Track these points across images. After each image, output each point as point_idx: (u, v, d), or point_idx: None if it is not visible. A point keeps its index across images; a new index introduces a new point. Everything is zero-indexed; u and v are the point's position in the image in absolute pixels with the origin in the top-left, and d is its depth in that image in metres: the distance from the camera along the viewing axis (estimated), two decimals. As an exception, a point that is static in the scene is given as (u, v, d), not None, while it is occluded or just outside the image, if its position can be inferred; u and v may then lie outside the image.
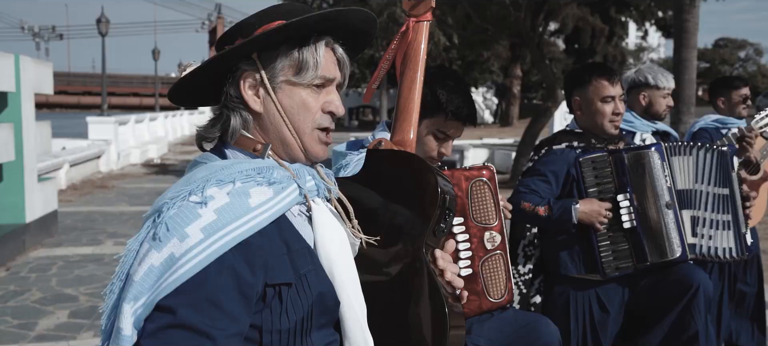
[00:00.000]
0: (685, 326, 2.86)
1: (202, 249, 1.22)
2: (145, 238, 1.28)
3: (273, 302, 1.30)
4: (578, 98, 3.06)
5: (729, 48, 58.20)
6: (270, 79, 1.38)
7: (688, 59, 8.35)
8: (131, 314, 1.23)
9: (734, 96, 4.21)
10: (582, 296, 3.01)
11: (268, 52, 1.38)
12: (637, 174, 2.96)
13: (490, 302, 2.27)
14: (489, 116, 41.23)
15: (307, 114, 1.40)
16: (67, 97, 66.39)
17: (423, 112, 2.26)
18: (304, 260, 1.36)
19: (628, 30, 36.75)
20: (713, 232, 3.06)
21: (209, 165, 1.35)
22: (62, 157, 12.14)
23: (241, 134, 1.41)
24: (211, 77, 1.41)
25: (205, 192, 1.28)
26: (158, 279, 1.22)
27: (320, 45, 1.41)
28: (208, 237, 1.23)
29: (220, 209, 1.26)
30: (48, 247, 7.28)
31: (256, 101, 1.40)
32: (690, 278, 2.89)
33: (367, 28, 1.52)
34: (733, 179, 3.06)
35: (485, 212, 2.25)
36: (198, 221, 1.24)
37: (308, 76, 1.39)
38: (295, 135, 1.40)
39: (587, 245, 2.95)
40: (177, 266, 1.22)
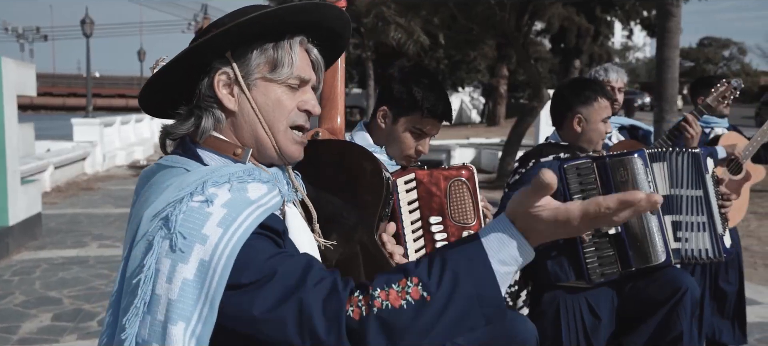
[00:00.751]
0: (670, 326, 2.90)
1: (227, 241, 1.20)
2: (165, 253, 1.21)
3: None
4: (581, 115, 3.06)
5: (713, 47, 58.64)
6: (244, 77, 1.36)
7: (670, 58, 8.42)
8: (188, 335, 1.19)
9: None
10: (572, 302, 3.02)
11: (242, 48, 1.35)
12: (621, 180, 2.97)
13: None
14: (476, 116, 41.32)
15: (281, 111, 1.38)
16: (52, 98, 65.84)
17: (399, 110, 2.29)
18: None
19: (613, 29, 36.91)
20: (690, 234, 3.09)
21: (197, 170, 1.31)
22: (47, 159, 12.05)
23: (212, 135, 1.38)
24: (184, 75, 1.37)
25: (207, 191, 1.25)
26: (201, 289, 1.19)
27: (295, 43, 1.39)
28: (227, 230, 1.21)
29: (226, 204, 1.24)
30: (31, 250, 7.24)
31: (230, 99, 1.36)
32: (678, 281, 2.93)
33: (341, 30, 1.50)
34: (707, 180, 3.08)
35: (463, 212, 2.27)
36: (211, 219, 1.22)
37: (284, 73, 1.37)
38: (270, 134, 1.37)
39: (573, 252, 2.96)
40: (213, 268, 1.19)
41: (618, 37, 43.75)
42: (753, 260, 7.17)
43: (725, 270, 4.15)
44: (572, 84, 3.22)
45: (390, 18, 17.95)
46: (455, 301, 1.15)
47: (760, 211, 9.70)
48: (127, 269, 1.26)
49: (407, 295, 1.16)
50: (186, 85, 1.39)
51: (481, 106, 40.91)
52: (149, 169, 1.39)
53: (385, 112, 2.33)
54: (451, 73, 32.96)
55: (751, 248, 7.72)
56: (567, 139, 3.12)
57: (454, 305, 1.15)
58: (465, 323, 1.17)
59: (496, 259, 1.17)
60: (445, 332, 1.17)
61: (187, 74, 1.37)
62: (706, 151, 3.18)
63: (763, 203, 10.19)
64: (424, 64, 28.55)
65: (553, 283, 3.02)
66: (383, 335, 1.16)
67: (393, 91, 2.30)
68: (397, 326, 1.15)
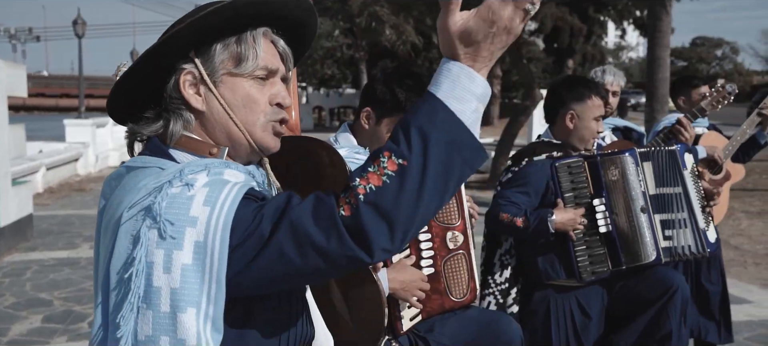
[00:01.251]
0: (660, 325, 2.91)
1: (217, 216, 1.19)
2: (155, 244, 1.19)
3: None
4: (574, 111, 3.04)
5: (706, 47, 58.86)
6: (210, 74, 1.33)
7: (661, 58, 8.46)
8: (202, 320, 1.18)
9: (694, 95, 4.26)
10: (563, 301, 3.03)
11: (204, 46, 1.33)
12: (612, 179, 2.99)
13: (453, 301, 2.30)
14: (470, 116, 41.32)
15: (255, 107, 1.35)
16: (45, 99, 65.63)
17: (382, 112, 2.28)
18: None
19: (606, 29, 37.03)
20: (673, 231, 3.11)
21: (176, 165, 1.29)
22: (39, 160, 12.02)
23: (184, 135, 1.35)
24: (150, 79, 1.35)
25: (185, 177, 1.23)
26: (204, 271, 1.18)
27: (258, 35, 1.36)
28: (214, 206, 1.19)
29: (207, 184, 1.23)
30: (22, 251, 7.22)
31: (197, 99, 1.34)
32: (668, 279, 2.95)
33: (305, 18, 1.45)
34: (686, 176, 3.10)
35: (447, 213, 2.27)
36: (195, 200, 1.20)
37: (248, 66, 1.34)
38: (244, 130, 1.35)
39: (565, 251, 2.97)
40: (210, 246, 1.18)
41: (611, 37, 43.87)
42: (743, 259, 7.21)
43: (707, 269, 4.17)
44: (567, 81, 3.22)
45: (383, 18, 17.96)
46: (431, 154, 1.14)
47: (750, 210, 9.76)
48: (112, 267, 1.23)
49: (385, 170, 1.14)
50: (152, 88, 1.36)
51: (475, 106, 40.90)
52: (116, 172, 1.35)
53: (369, 113, 2.32)
54: (445, 73, 32.91)
55: (741, 247, 7.77)
56: (559, 136, 3.11)
57: (432, 158, 1.14)
58: (451, 175, 1.16)
59: (451, 99, 1.17)
60: (435, 190, 1.16)
61: (153, 77, 1.35)
62: (684, 148, 3.20)
63: (754, 202, 10.25)
64: (416, 64, 28.57)
65: (544, 281, 3.04)
66: (379, 218, 1.13)
67: (376, 92, 2.29)
68: (387, 203, 1.13)
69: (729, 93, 3.76)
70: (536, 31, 33.23)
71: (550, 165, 2.96)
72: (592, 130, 3.05)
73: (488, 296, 3.09)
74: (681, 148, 3.15)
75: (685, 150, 3.20)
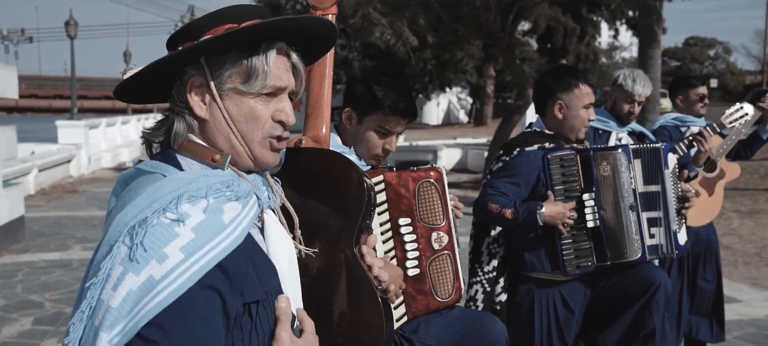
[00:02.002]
0: (643, 323, 2.92)
1: (183, 270, 1.16)
2: (120, 260, 1.18)
3: (243, 320, 1.26)
4: (562, 102, 3.01)
5: (699, 46, 59.05)
6: (217, 86, 1.32)
7: (652, 58, 8.50)
8: (107, 342, 1.14)
9: (692, 94, 4.27)
10: (546, 295, 3.03)
11: (215, 56, 1.32)
12: (604, 174, 2.98)
13: (438, 302, 2.30)
14: (464, 116, 41.40)
15: (256, 124, 1.34)
16: (38, 100, 65.42)
17: (362, 111, 2.29)
18: (267, 274, 1.33)
19: (600, 29, 37.11)
20: (657, 229, 3.12)
21: (173, 178, 1.28)
22: (31, 162, 11.99)
23: (187, 139, 1.35)
24: (159, 79, 1.36)
25: (180, 209, 1.22)
26: (137, 304, 1.15)
27: (271, 53, 1.34)
28: (188, 257, 1.17)
29: (197, 227, 1.21)
30: (14, 253, 7.19)
31: (201, 107, 1.33)
32: (651, 276, 2.94)
33: (326, 32, 1.46)
34: (666, 175, 3.10)
35: (432, 213, 2.28)
36: (176, 241, 1.18)
37: (256, 85, 1.33)
38: (243, 143, 1.34)
39: (551, 243, 2.97)
40: (158, 289, 1.15)
41: (605, 37, 43.97)
42: (734, 259, 7.25)
43: (703, 267, 4.19)
44: (553, 71, 3.18)
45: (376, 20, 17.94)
46: None
47: (742, 209, 9.80)
48: (88, 274, 1.24)
49: None
50: (165, 87, 1.37)
51: (469, 106, 41.00)
52: (128, 173, 1.36)
53: (350, 113, 2.33)
54: (439, 73, 32.98)
55: (732, 246, 7.81)
56: (550, 126, 3.09)
57: None
58: None
59: None
60: None
61: (162, 77, 1.36)
62: (668, 147, 3.20)
63: (744, 202, 10.29)
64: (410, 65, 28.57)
65: (529, 273, 3.03)
66: None
67: (355, 91, 2.30)
68: None
69: (748, 114, 3.82)
70: (530, 31, 33.28)
71: (542, 157, 2.95)
72: (583, 118, 3.02)
73: (476, 284, 3.08)
74: (666, 147, 3.16)
75: (669, 150, 3.21)
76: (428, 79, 32.94)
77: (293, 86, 1.40)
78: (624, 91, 3.83)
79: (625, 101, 3.84)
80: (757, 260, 7.20)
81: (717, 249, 4.27)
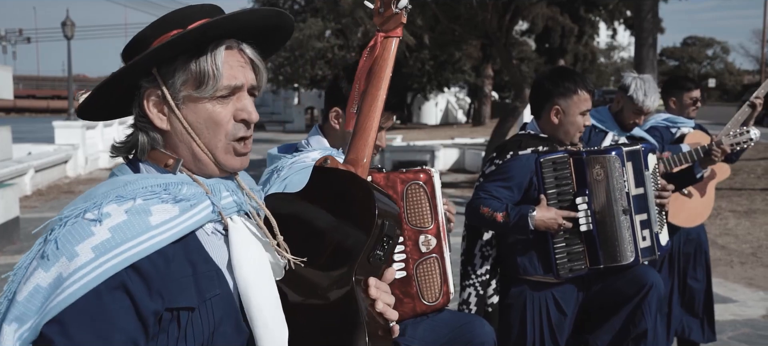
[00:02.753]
0: (635, 323, 2.91)
1: (90, 269, 1.14)
2: (35, 256, 1.19)
3: (170, 327, 1.23)
4: (559, 106, 2.97)
5: (697, 46, 59.12)
6: (172, 95, 1.29)
7: (648, 58, 8.49)
8: (15, 338, 1.14)
9: (685, 98, 4.23)
10: (539, 297, 3.02)
11: (166, 66, 1.28)
12: (597, 178, 2.95)
13: (425, 305, 2.29)
14: (462, 116, 41.39)
15: (217, 129, 1.31)
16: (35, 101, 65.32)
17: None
18: (211, 283, 1.28)
19: (598, 29, 37.11)
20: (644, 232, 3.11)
21: (114, 179, 1.28)
22: (27, 162, 11.95)
23: (153, 149, 1.34)
24: (119, 94, 1.32)
25: (102, 209, 1.20)
26: (45, 301, 1.15)
27: (219, 52, 1.29)
28: (98, 257, 1.15)
29: (115, 228, 1.19)
30: (9, 254, 7.17)
31: (161, 119, 1.31)
32: (643, 277, 2.93)
33: (277, 22, 1.40)
34: (646, 177, 3.08)
35: (420, 216, 2.26)
36: (90, 239, 1.17)
37: (209, 89, 1.29)
38: (207, 151, 1.32)
39: (543, 247, 2.95)
40: (63, 286, 1.14)
41: (603, 37, 43.99)
42: (730, 259, 7.24)
43: (693, 267, 4.18)
44: (553, 74, 3.11)
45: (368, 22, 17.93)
46: None
47: (738, 209, 9.79)
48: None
49: None
50: (127, 99, 1.34)
51: (467, 106, 41.01)
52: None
53: (337, 112, 2.29)
54: (437, 73, 32.97)
55: (728, 246, 7.80)
56: (545, 130, 3.05)
57: None
58: None
59: None
60: None
61: (120, 94, 1.33)
62: (647, 148, 3.17)
63: (741, 202, 10.29)
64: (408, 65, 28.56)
65: (522, 276, 3.02)
66: None
67: (342, 90, 2.27)
68: None
69: (750, 139, 3.75)
70: (527, 31, 33.28)
71: (536, 161, 2.93)
72: (578, 125, 2.99)
73: (468, 287, 3.07)
74: (645, 148, 3.12)
75: (649, 150, 3.17)
76: (426, 79, 32.91)
77: (252, 82, 1.36)
78: (633, 103, 3.69)
79: (634, 113, 3.74)
80: (753, 260, 7.19)
81: (706, 249, 4.26)
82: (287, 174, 2.05)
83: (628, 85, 3.74)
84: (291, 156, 2.17)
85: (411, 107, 38.69)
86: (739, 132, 3.77)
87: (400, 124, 35.41)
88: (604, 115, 3.85)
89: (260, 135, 29.43)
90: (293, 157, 2.15)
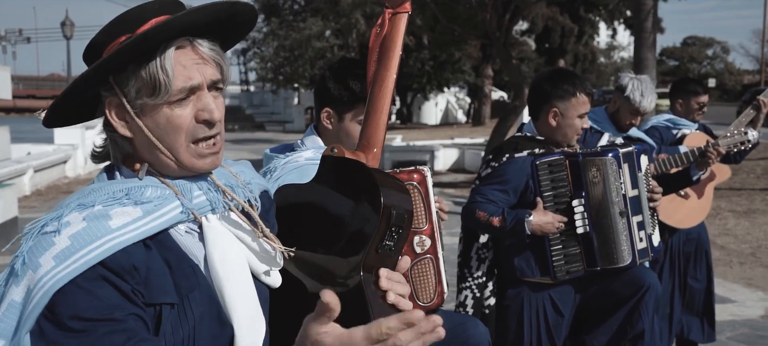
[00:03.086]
0: (632, 324, 2.90)
1: (52, 276, 1.17)
2: (9, 272, 1.23)
3: (152, 323, 1.24)
4: (557, 109, 2.95)
5: (697, 46, 59.07)
6: (130, 104, 1.27)
7: (647, 58, 8.48)
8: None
9: (693, 102, 4.19)
10: (536, 299, 3.01)
11: (122, 73, 1.26)
12: (593, 180, 2.94)
13: (419, 306, 2.28)
14: (462, 116, 41.37)
15: (177, 132, 1.28)
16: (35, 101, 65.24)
17: (342, 107, 2.24)
18: (189, 280, 1.28)
19: (598, 29, 37.08)
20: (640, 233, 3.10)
21: (83, 189, 1.30)
22: (26, 162, 11.95)
23: (126, 155, 1.34)
24: (83, 101, 1.31)
25: (62, 219, 1.22)
26: (20, 315, 1.18)
27: (168, 56, 1.25)
28: (59, 264, 1.18)
29: (74, 235, 1.20)
30: (6, 255, 7.13)
31: (123, 126, 1.30)
32: (641, 278, 2.92)
33: (231, 12, 1.33)
34: (640, 179, 3.07)
35: (415, 217, 2.25)
36: (51, 249, 1.19)
37: (162, 96, 1.25)
38: (170, 156, 1.30)
39: (540, 249, 2.94)
40: (31, 298, 1.17)
41: (603, 37, 43.97)
42: (729, 259, 7.23)
43: (694, 267, 4.18)
44: (550, 76, 3.09)
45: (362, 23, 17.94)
46: None
47: (737, 209, 9.78)
48: None
49: None
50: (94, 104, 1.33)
51: (467, 106, 41.00)
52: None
53: (329, 112, 2.28)
54: (437, 73, 32.95)
55: (727, 246, 7.79)
56: (542, 132, 3.03)
57: None
58: None
59: None
60: None
61: (84, 104, 1.32)
62: (640, 149, 3.15)
63: (740, 202, 10.28)
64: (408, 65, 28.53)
65: (519, 278, 3.01)
66: None
67: (330, 90, 2.25)
68: None
69: (749, 141, 3.73)
70: (527, 31, 33.27)
71: (531, 162, 2.91)
72: (576, 127, 2.97)
73: (465, 289, 3.06)
74: (638, 149, 3.11)
75: (641, 152, 3.16)
76: (426, 79, 32.89)
77: (212, 77, 1.31)
78: (630, 103, 3.68)
79: (630, 113, 3.72)
80: (752, 261, 7.18)
81: (708, 248, 4.25)
82: (280, 174, 2.05)
83: (624, 86, 3.72)
84: (284, 156, 2.17)
85: (411, 107, 38.67)
86: (736, 133, 3.76)
87: (399, 124, 35.41)
88: (600, 116, 3.83)
89: (260, 135, 29.43)
90: (286, 158, 2.14)
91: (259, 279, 1.41)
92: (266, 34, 31.51)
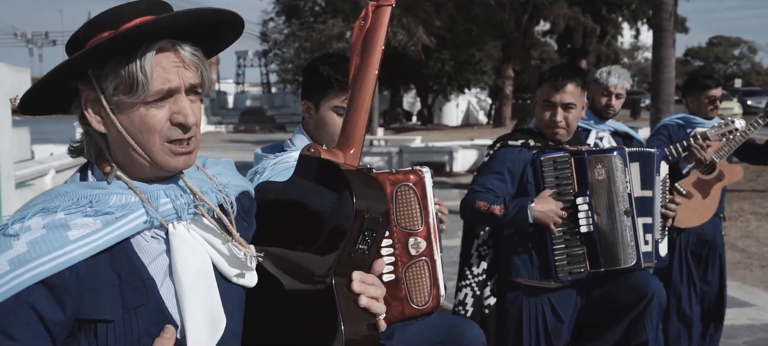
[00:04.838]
0: (636, 334, 2.84)
1: (5, 282, 1.18)
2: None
3: (86, 337, 1.24)
4: (537, 99, 3.06)
5: (723, 46, 58.28)
6: (107, 100, 1.26)
7: (666, 58, 8.37)
8: None
9: (702, 98, 4.16)
10: (535, 303, 2.97)
11: (100, 69, 1.26)
12: (598, 178, 2.91)
13: (414, 309, 2.24)
14: (483, 117, 41.22)
15: (151, 133, 1.28)
16: (61, 102, 66.25)
17: (316, 97, 2.25)
18: (137, 294, 1.27)
19: (621, 29, 36.73)
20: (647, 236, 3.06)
21: (52, 189, 1.30)
22: (48, 163, 12.09)
23: (99, 154, 1.33)
24: (60, 93, 1.31)
25: (25, 222, 1.22)
26: None
27: (148, 56, 1.24)
28: (12, 270, 1.18)
29: (32, 242, 1.20)
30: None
31: (98, 122, 1.29)
32: (645, 285, 2.86)
33: (218, 19, 1.33)
34: (656, 182, 3.04)
35: (410, 218, 2.21)
36: (8, 252, 1.20)
37: (139, 95, 1.25)
38: (144, 154, 1.29)
39: (541, 249, 2.90)
40: None
41: (627, 37, 43.58)
42: (749, 262, 7.10)
43: (705, 270, 4.13)
44: (550, 69, 3.16)
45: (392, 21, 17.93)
46: None
47: (760, 211, 9.60)
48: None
49: None
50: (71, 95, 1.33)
51: (488, 107, 40.84)
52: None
53: (307, 105, 2.29)
54: (457, 74, 32.85)
55: (748, 249, 7.65)
56: (537, 125, 3.09)
57: None
58: None
59: None
60: None
61: (61, 95, 1.32)
62: (661, 154, 3.13)
63: (763, 203, 10.09)
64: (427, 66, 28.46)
65: (518, 279, 2.98)
66: None
67: (306, 81, 2.28)
68: None
69: (737, 129, 3.69)
70: (549, 31, 33.04)
71: (535, 158, 2.90)
72: (541, 118, 3.01)
73: (465, 287, 3.04)
74: (659, 154, 3.09)
75: (662, 157, 3.14)
76: (446, 80, 32.81)
77: (191, 81, 1.30)
78: (599, 84, 3.83)
79: (601, 94, 3.83)
80: (774, 264, 7.05)
81: (722, 251, 4.17)
82: (269, 175, 2.04)
83: (596, 73, 3.95)
84: (274, 156, 2.16)
85: (431, 108, 38.61)
86: (724, 122, 3.74)
87: (420, 126, 35.36)
88: (585, 113, 3.85)
89: (281, 136, 29.58)
90: (276, 158, 2.14)
91: (231, 282, 1.39)
92: (287, 35, 31.70)
